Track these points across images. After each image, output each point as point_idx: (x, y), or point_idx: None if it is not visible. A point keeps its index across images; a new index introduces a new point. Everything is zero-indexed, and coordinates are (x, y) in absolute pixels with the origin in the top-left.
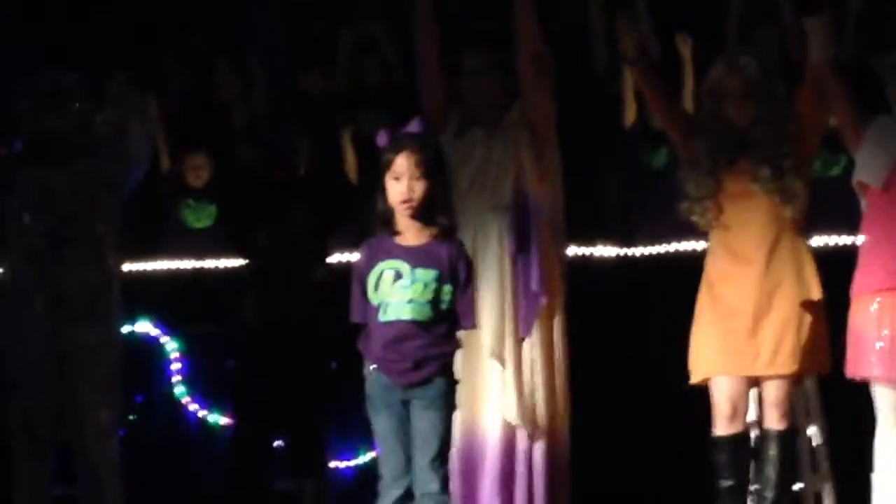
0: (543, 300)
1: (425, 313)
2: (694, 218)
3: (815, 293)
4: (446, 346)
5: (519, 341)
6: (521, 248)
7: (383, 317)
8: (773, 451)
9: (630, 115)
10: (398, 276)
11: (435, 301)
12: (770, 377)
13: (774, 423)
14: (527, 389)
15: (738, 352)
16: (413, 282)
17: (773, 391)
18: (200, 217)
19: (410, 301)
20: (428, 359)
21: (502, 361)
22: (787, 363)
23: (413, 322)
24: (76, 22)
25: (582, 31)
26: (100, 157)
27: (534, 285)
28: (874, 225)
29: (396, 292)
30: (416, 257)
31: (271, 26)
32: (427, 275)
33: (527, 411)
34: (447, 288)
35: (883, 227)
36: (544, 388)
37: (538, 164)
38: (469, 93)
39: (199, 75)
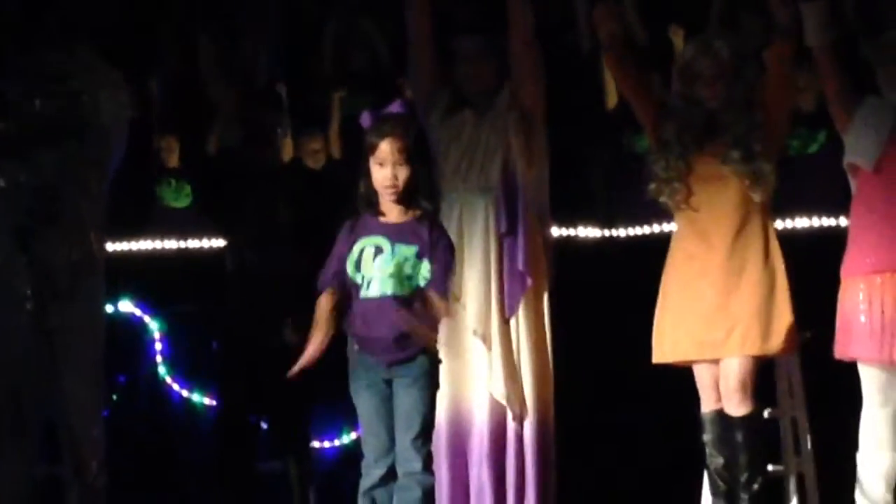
0: (530, 281)
1: (405, 288)
2: (662, 199)
3: (781, 276)
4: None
5: (505, 321)
6: (508, 229)
7: (365, 293)
8: (739, 436)
9: (611, 99)
10: (378, 251)
11: (414, 277)
12: (734, 357)
13: (735, 407)
14: (514, 369)
15: (706, 337)
16: (393, 257)
17: (736, 372)
18: (179, 196)
19: (391, 276)
20: (410, 334)
21: (487, 341)
22: (755, 345)
23: (394, 297)
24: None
25: (566, 15)
26: (86, 136)
27: (520, 266)
28: (864, 207)
29: (377, 268)
30: (396, 234)
31: (268, 10)
32: (408, 250)
33: (514, 390)
34: (426, 265)
35: (873, 209)
36: (531, 367)
37: (526, 146)
38: (464, 78)
39: (186, 57)
